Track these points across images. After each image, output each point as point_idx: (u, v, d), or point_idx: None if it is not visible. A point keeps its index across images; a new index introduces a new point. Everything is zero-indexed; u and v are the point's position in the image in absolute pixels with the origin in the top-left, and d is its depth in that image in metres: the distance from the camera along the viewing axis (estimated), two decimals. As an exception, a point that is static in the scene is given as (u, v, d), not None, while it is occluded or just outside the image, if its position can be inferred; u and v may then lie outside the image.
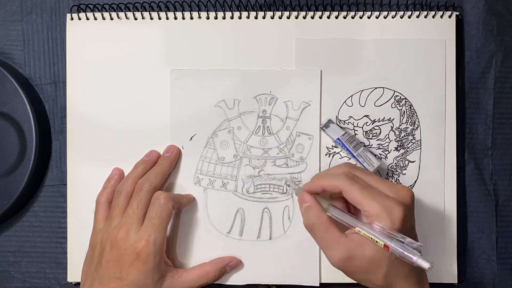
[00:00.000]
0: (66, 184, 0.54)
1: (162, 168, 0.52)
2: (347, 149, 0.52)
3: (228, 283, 0.54)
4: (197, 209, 0.54)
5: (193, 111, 0.54)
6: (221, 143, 0.54)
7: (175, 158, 0.54)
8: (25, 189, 0.54)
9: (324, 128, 0.53)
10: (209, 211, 0.54)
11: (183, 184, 0.54)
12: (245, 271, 0.54)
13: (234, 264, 0.53)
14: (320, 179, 0.48)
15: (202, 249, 0.54)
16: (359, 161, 0.52)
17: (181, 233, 0.54)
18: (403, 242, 0.43)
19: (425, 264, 0.43)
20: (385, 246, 0.43)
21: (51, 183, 0.56)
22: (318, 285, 0.54)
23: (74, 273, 0.54)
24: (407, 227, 0.45)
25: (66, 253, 0.54)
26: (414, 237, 0.46)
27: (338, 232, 0.46)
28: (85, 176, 0.54)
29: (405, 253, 0.43)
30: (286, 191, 0.54)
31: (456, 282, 0.54)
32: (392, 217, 0.44)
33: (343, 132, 0.53)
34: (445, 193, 0.54)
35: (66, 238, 0.54)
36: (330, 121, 0.53)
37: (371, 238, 0.44)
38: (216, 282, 0.53)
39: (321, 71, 0.54)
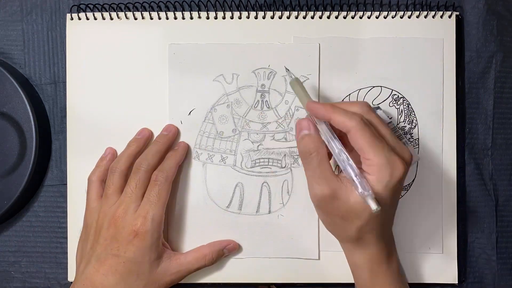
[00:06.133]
0: (66, 184, 0.54)
1: (160, 146, 0.51)
2: None
3: (226, 259, 0.54)
4: (196, 184, 0.54)
5: (191, 86, 0.54)
6: (219, 118, 0.54)
7: (173, 137, 0.53)
8: (25, 189, 0.54)
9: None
10: (208, 185, 0.54)
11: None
12: (244, 245, 0.54)
13: (231, 247, 0.53)
14: (331, 112, 0.45)
15: (201, 224, 0.54)
16: None
17: (180, 207, 0.54)
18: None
19: (373, 206, 0.42)
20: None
21: (51, 183, 0.56)
22: (317, 258, 0.54)
23: (74, 273, 0.54)
24: (400, 187, 0.45)
25: (66, 253, 0.54)
26: (397, 199, 0.47)
27: (331, 169, 0.45)
28: (85, 176, 0.54)
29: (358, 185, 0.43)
30: (285, 165, 0.54)
31: (457, 282, 0.54)
32: (393, 172, 0.43)
33: (389, 121, 0.52)
34: (444, 192, 0.54)
35: (66, 238, 0.54)
36: (378, 108, 0.53)
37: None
38: (216, 282, 0.53)
39: (319, 44, 0.53)
